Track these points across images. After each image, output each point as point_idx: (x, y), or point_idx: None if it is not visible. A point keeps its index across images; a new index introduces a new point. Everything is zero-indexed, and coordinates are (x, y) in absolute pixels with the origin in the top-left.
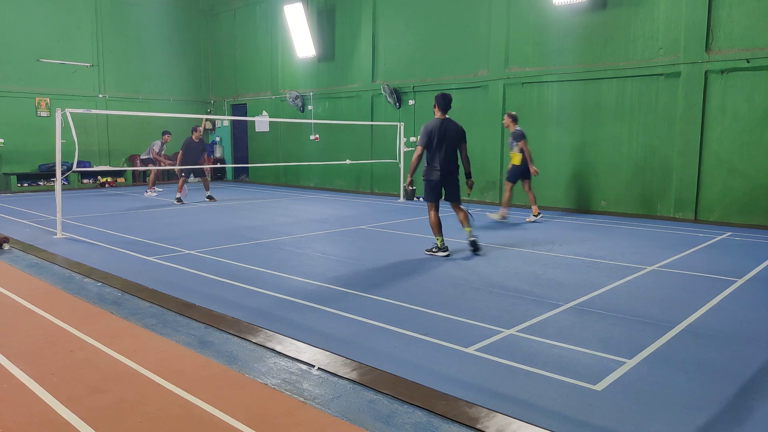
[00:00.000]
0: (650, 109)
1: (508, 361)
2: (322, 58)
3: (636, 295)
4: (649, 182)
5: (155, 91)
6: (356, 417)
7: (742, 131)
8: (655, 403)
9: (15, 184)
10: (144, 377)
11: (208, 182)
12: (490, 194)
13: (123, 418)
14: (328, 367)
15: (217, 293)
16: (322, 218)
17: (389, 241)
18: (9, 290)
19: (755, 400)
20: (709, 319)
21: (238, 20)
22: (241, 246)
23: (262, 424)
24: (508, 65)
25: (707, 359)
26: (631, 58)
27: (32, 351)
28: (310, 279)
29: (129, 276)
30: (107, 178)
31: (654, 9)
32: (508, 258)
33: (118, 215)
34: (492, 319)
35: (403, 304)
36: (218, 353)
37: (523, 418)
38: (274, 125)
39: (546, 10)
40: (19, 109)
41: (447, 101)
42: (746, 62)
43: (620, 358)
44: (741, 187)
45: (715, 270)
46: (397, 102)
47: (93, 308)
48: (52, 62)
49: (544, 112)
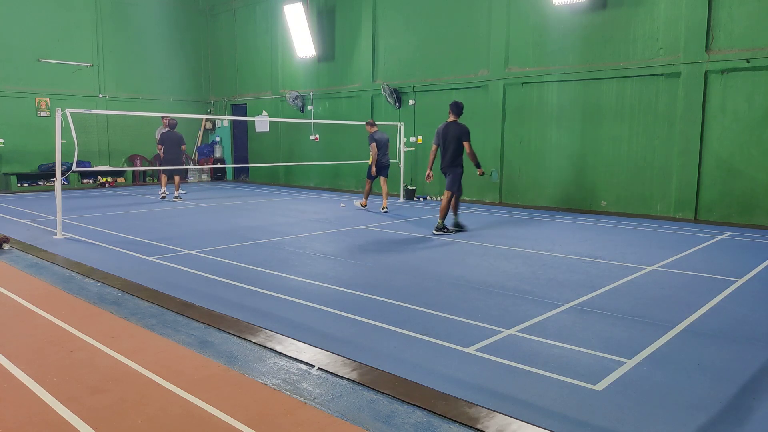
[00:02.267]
0: (650, 109)
1: (508, 361)
2: (322, 58)
3: (636, 295)
4: (649, 182)
5: (155, 91)
6: (356, 417)
7: (742, 131)
8: (655, 403)
9: (15, 184)
10: (144, 377)
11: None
12: (490, 194)
13: (123, 418)
14: (328, 367)
15: (217, 293)
16: (322, 218)
17: (389, 241)
18: (9, 290)
19: (755, 400)
20: (709, 319)
21: (238, 20)
22: (241, 246)
23: (262, 424)
24: (508, 65)
25: (707, 359)
26: (631, 58)
27: (32, 351)
28: (310, 279)
29: (129, 276)
30: (107, 178)
31: (654, 9)
32: (508, 258)
33: (118, 215)
34: (492, 319)
35: (403, 304)
36: (218, 353)
37: (523, 418)
38: (274, 125)
39: (546, 10)
40: (19, 109)
41: (456, 108)
42: (746, 62)
43: (620, 358)
44: (741, 187)
45: (715, 270)
46: (397, 102)
47: (93, 308)
48: (52, 62)
49: (544, 112)
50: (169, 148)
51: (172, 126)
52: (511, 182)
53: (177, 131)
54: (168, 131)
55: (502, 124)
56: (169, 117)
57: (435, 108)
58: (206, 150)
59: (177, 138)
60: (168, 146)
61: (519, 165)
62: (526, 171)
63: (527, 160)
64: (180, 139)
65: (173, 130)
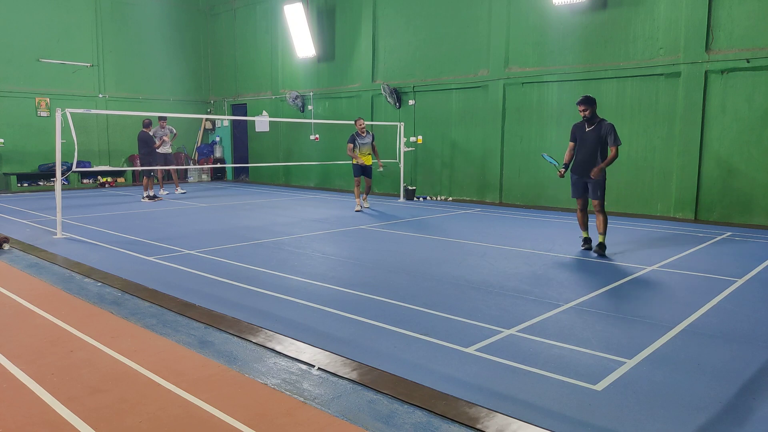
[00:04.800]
0: (650, 109)
1: (508, 361)
2: (322, 58)
3: (636, 295)
4: (649, 182)
5: (155, 91)
6: (356, 417)
7: (742, 131)
8: (655, 403)
9: (15, 184)
10: (144, 377)
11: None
12: (490, 194)
13: (123, 418)
14: (328, 367)
15: (217, 293)
16: (322, 218)
17: (389, 241)
18: (9, 290)
19: (755, 400)
20: (709, 319)
21: (238, 20)
22: (240, 246)
23: (261, 424)
24: (508, 65)
25: (707, 359)
26: (631, 58)
27: (32, 351)
28: (310, 279)
29: (129, 276)
30: (107, 178)
31: (654, 9)
32: (508, 258)
33: (118, 215)
34: (492, 319)
35: (403, 304)
36: (218, 353)
37: (523, 418)
38: (274, 125)
39: (546, 10)
40: (19, 109)
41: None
42: (746, 62)
43: (620, 358)
44: (741, 187)
45: (715, 270)
46: (397, 102)
47: (93, 308)
48: (52, 62)
49: (544, 112)
50: (140, 149)
51: (145, 125)
52: (511, 182)
53: (149, 130)
54: (141, 131)
55: (502, 124)
56: (149, 118)
57: (435, 108)
58: (206, 150)
59: (144, 138)
60: (139, 146)
61: (519, 165)
62: (526, 171)
63: (527, 160)
64: (148, 138)
65: (143, 129)
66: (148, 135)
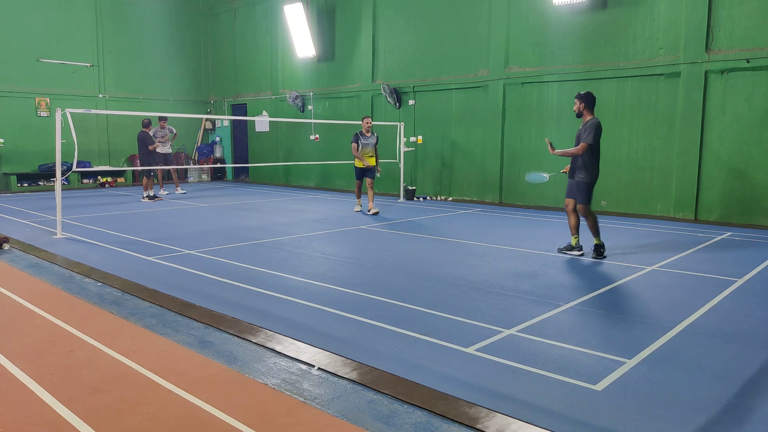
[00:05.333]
0: (650, 109)
1: (508, 361)
2: (322, 58)
3: (636, 295)
4: (649, 182)
5: (155, 91)
6: (356, 417)
7: (742, 131)
8: (655, 403)
9: (15, 184)
10: (144, 377)
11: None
12: (490, 194)
13: (123, 418)
14: (328, 367)
15: (217, 293)
16: (322, 218)
17: (389, 241)
18: (9, 290)
19: (755, 400)
20: (709, 319)
21: (238, 20)
22: (240, 246)
23: (261, 424)
24: (508, 65)
25: (707, 359)
26: (631, 58)
27: (32, 351)
28: (310, 279)
29: (129, 276)
30: (107, 178)
31: (654, 9)
32: (508, 258)
33: (118, 215)
34: (492, 319)
35: (403, 304)
36: (218, 353)
37: (523, 418)
38: (274, 125)
39: (546, 10)
40: (19, 109)
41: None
42: (746, 62)
43: (620, 358)
44: (741, 187)
45: (715, 270)
46: (397, 102)
47: (93, 308)
48: (52, 62)
49: (544, 112)
50: (140, 149)
51: (145, 125)
52: (511, 182)
53: (149, 130)
54: (141, 131)
55: (502, 124)
56: (149, 118)
57: (435, 108)
58: (206, 150)
59: (143, 138)
60: (139, 146)
61: (519, 165)
62: (527, 171)
63: (527, 159)
64: (148, 138)
65: (143, 129)
66: (147, 135)
